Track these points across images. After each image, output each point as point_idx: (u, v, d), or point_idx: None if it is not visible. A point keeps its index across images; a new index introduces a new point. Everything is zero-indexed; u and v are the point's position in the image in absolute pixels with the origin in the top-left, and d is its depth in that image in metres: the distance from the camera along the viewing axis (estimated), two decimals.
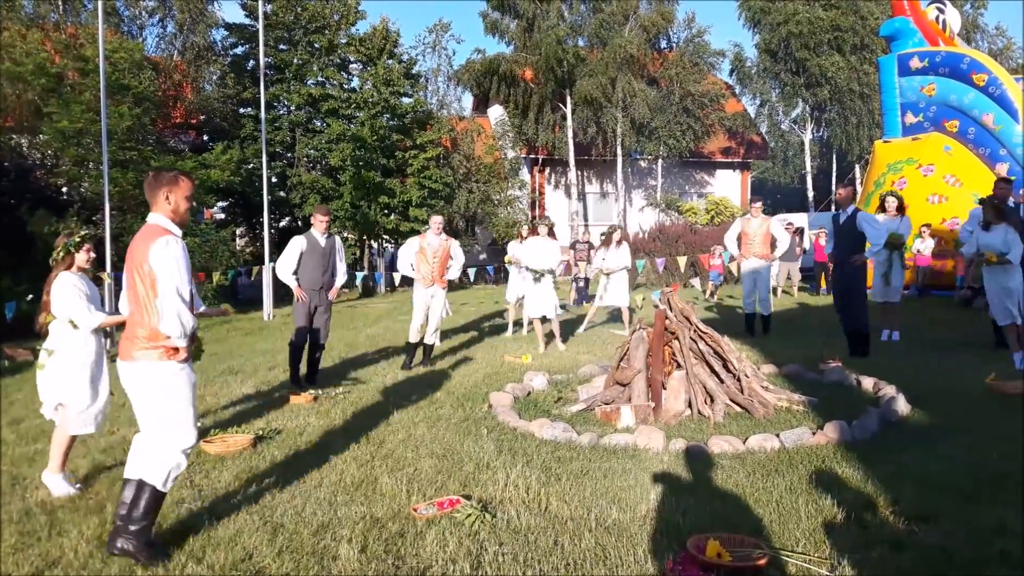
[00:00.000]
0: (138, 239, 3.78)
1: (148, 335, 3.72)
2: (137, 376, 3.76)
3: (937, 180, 15.74)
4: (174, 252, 3.69)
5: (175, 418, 3.79)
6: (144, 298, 3.72)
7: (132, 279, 3.78)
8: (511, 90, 27.71)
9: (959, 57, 16.44)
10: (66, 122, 15.83)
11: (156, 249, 3.67)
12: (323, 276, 8.13)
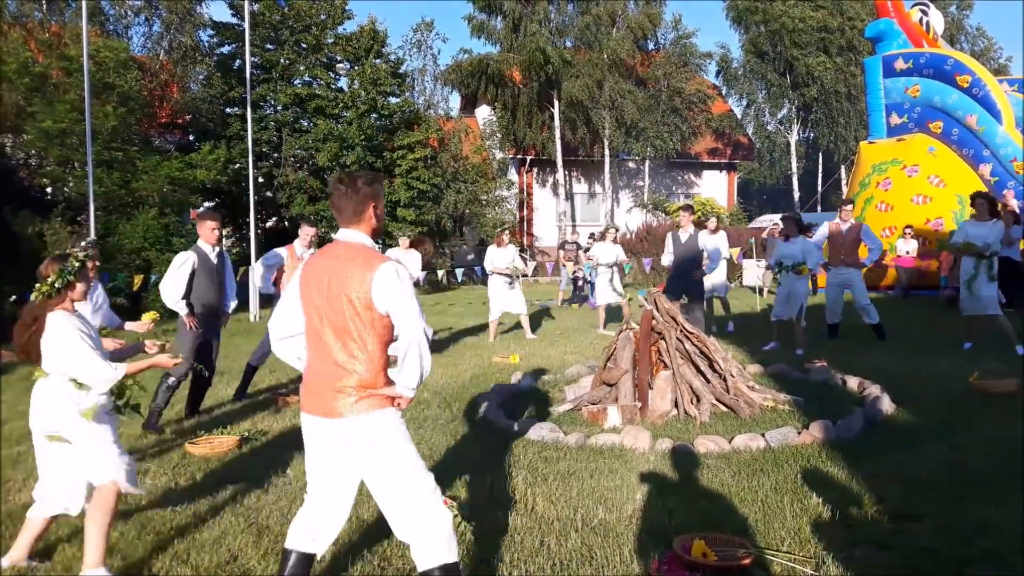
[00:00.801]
0: (344, 263, 2.96)
1: (363, 383, 2.95)
2: (367, 433, 2.96)
3: (921, 181, 15.86)
4: (408, 285, 2.98)
5: (420, 466, 3.11)
6: (362, 338, 2.95)
7: (338, 315, 2.94)
8: (499, 90, 27.71)
9: (943, 59, 16.58)
10: (50, 122, 15.69)
11: (386, 280, 2.90)
12: (217, 298, 6.76)
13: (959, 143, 15.97)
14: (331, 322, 2.96)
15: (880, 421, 5.93)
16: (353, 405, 2.93)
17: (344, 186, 3.08)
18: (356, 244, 3.04)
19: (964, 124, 15.88)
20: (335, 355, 2.95)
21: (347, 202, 3.06)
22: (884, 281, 16.24)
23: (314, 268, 3.06)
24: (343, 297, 2.92)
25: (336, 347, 2.95)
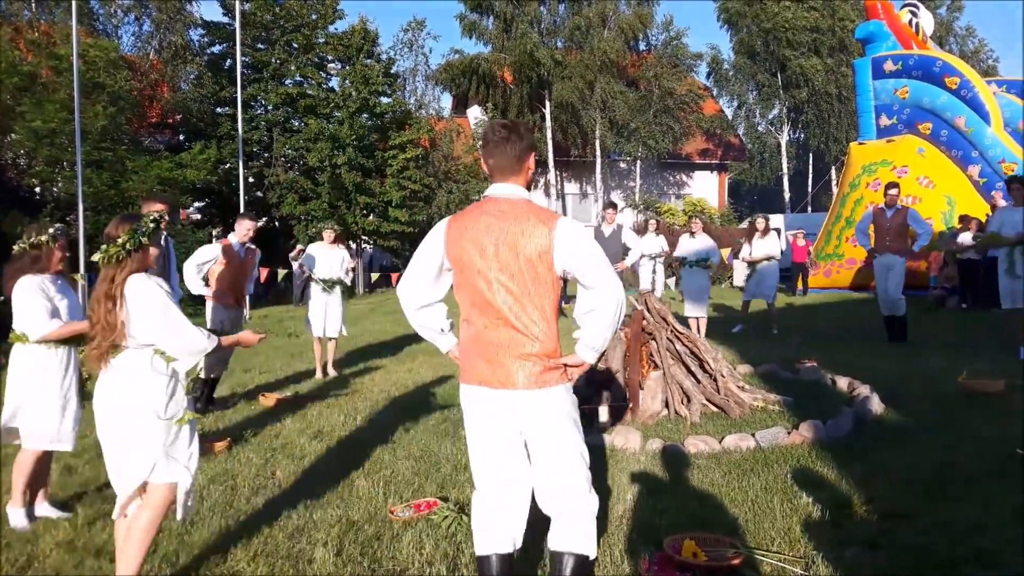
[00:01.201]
0: (516, 220, 2.72)
1: (545, 351, 2.74)
2: (546, 406, 2.76)
3: (911, 181, 15.93)
4: (592, 240, 2.78)
5: (584, 454, 2.89)
6: (541, 302, 2.73)
7: (514, 278, 2.72)
8: (490, 91, 27.71)
9: (932, 60, 16.66)
10: (39, 121, 15.61)
11: (570, 235, 2.71)
12: None
13: (948, 144, 16.06)
14: (505, 285, 2.70)
15: (870, 421, 5.95)
16: (538, 376, 2.71)
17: (507, 131, 2.82)
18: (520, 199, 2.79)
19: (953, 125, 15.97)
20: (514, 321, 2.71)
21: (510, 150, 2.80)
22: (874, 282, 16.30)
23: (470, 228, 2.76)
24: (520, 257, 2.67)
25: (515, 312, 2.70)
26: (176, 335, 3.21)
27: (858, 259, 16.52)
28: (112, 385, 3.19)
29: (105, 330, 3.16)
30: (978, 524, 3.81)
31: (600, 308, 2.70)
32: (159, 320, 3.18)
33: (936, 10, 35.11)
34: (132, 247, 3.22)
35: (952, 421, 5.82)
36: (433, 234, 2.91)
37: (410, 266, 2.97)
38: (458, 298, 2.87)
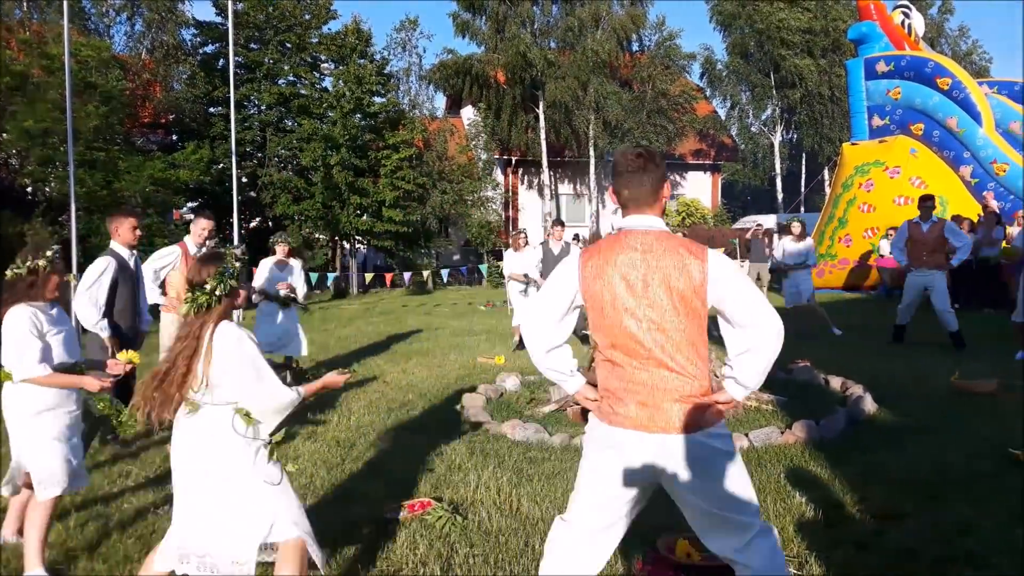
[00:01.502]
0: (664, 255, 2.56)
1: (702, 390, 2.59)
2: (710, 448, 2.59)
3: (903, 182, 15.99)
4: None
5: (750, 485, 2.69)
6: (694, 339, 2.57)
7: (666, 315, 2.55)
8: (483, 91, 27.71)
9: (924, 61, 16.72)
10: (31, 121, 15.54)
11: (723, 268, 2.57)
12: (134, 316, 5.82)
13: (940, 145, 16.12)
14: (656, 323, 2.54)
15: (862, 421, 5.97)
16: (700, 417, 2.55)
17: (643, 160, 2.66)
18: (662, 232, 2.64)
19: (945, 126, 16.03)
20: (669, 361, 2.54)
21: (647, 180, 2.65)
22: (867, 282, 16.37)
23: (612, 263, 2.59)
24: (674, 293, 2.52)
25: (668, 351, 2.54)
26: (267, 393, 2.94)
27: (851, 259, 16.58)
28: (196, 450, 2.92)
29: (181, 380, 2.89)
30: (970, 524, 3.83)
31: (759, 347, 2.55)
32: (250, 375, 2.91)
33: (927, 11, 35.29)
34: (223, 292, 2.97)
35: (945, 421, 5.84)
36: (562, 271, 2.72)
37: (536, 307, 2.75)
38: (596, 337, 2.70)
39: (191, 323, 2.96)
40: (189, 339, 2.92)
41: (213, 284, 2.94)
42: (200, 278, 2.96)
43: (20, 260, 3.69)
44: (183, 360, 2.90)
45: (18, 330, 3.59)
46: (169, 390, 2.89)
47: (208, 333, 2.90)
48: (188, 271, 3.05)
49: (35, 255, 3.72)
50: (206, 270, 2.98)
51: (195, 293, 2.95)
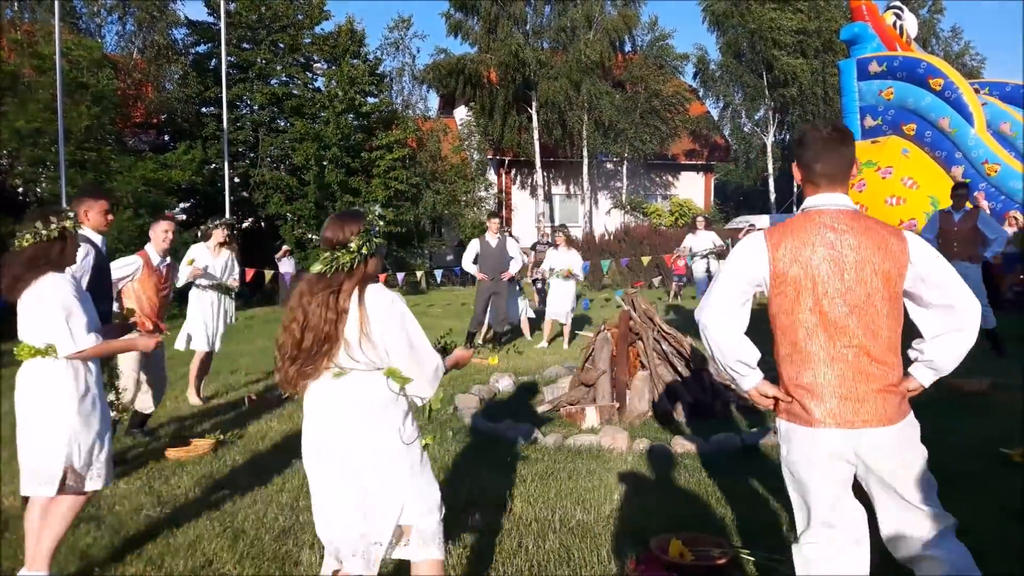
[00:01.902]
0: (864, 235, 2.46)
1: (899, 378, 2.53)
2: (906, 441, 2.55)
3: (895, 182, 16.04)
4: None
5: None
6: (894, 324, 2.48)
7: (869, 300, 2.44)
8: (476, 91, 27.71)
9: (916, 62, 16.79)
10: (22, 121, 15.47)
11: (924, 250, 2.50)
12: (109, 304, 5.27)
13: (932, 145, 16.18)
14: (861, 308, 2.40)
15: None
16: (899, 407, 2.49)
17: (840, 133, 2.55)
18: (855, 211, 2.50)
19: (937, 127, 16.09)
20: (872, 349, 2.43)
21: (847, 153, 2.53)
22: None
23: (808, 244, 2.44)
24: (878, 275, 2.39)
25: (869, 339, 2.42)
26: (422, 355, 2.79)
27: None
28: (344, 415, 2.74)
29: (323, 348, 2.71)
30: (962, 523, 3.83)
31: (960, 329, 2.45)
32: (404, 339, 2.75)
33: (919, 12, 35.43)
34: (369, 251, 2.78)
35: (936, 421, 5.85)
36: (747, 253, 2.55)
37: (717, 292, 2.58)
38: (781, 324, 2.52)
39: (325, 285, 2.74)
40: (327, 302, 2.71)
41: (359, 242, 2.75)
42: (343, 237, 2.76)
43: (41, 224, 3.35)
44: (327, 324, 2.69)
45: (64, 300, 3.28)
46: (314, 358, 2.73)
47: (354, 295, 2.72)
48: (325, 230, 2.82)
49: (58, 217, 3.40)
50: (349, 228, 2.78)
51: (335, 252, 2.75)
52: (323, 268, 2.75)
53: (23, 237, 3.34)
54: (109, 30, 26.93)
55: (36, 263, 3.33)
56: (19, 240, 3.34)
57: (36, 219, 3.37)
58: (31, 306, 3.32)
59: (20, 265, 3.34)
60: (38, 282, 3.32)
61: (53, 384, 3.31)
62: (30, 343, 3.33)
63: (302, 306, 2.75)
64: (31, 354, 3.33)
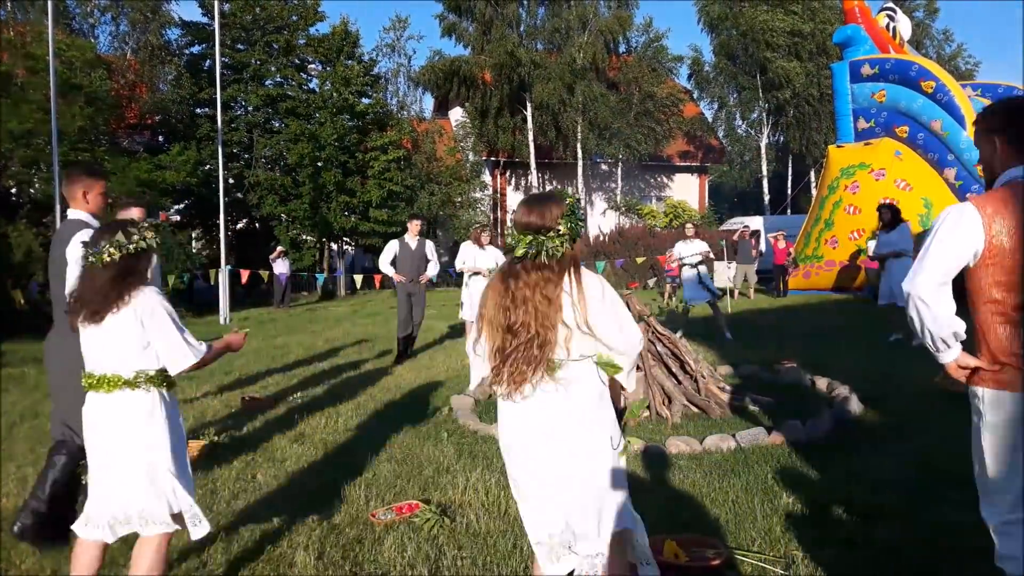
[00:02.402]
0: None
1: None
2: None
3: (888, 184, 16.11)
4: None
5: None
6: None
7: None
8: (471, 92, 27.73)
9: (908, 64, 16.86)
10: (15, 122, 15.42)
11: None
12: None
13: (924, 147, 16.25)
14: None
15: (849, 421, 6.00)
16: None
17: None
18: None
19: (929, 129, 16.16)
20: None
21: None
22: (854, 283, 16.47)
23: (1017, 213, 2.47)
24: None
25: None
26: (631, 340, 2.65)
27: (837, 261, 16.67)
28: (563, 411, 2.59)
29: (544, 339, 2.54)
30: (957, 523, 3.85)
31: None
32: (615, 322, 2.62)
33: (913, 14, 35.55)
34: (576, 234, 2.64)
35: (930, 421, 5.88)
36: (962, 225, 2.52)
37: (932, 263, 2.53)
38: (992, 295, 2.53)
39: (539, 272, 2.57)
40: (544, 290, 2.55)
41: (567, 225, 2.61)
42: (549, 221, 2.60)
43: (123, 237, 2.95)
44: (545, 314, 2.53)
45: (171, 311, 2.96)
46: (533, 353, 2.54)
47: (571, 280, 2.57)
48: (526, 215, 2.63)
49: (138, 229, 3.02)
50: (553, 212, 2.62)
51: (540, 237, 2.58)
52: (528, 253, 2.59)
53: (102, 252, 2.91)
54: (102, 30, 26.89)
55: (125, 279, 2.94)
56: (99, 256, 2.92)
57: (113, 232, 2.96)
58: (128, 326, 2.89)
59: (108, 283, 2.91)
60: (137, 299, 2.91)
61: (152, 416, 2.93)
62: (116, 372, 2.90)
63: (513, 295, 2.57)
64: (118, 385, 2.90)
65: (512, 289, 2.60)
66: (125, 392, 2.90)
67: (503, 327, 2.61)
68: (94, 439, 2.95)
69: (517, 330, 2.57)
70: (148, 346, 2.92)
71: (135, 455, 2.89)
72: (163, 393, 2.99)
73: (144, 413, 2.92)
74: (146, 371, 2.93)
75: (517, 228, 2.66)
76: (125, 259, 2.94)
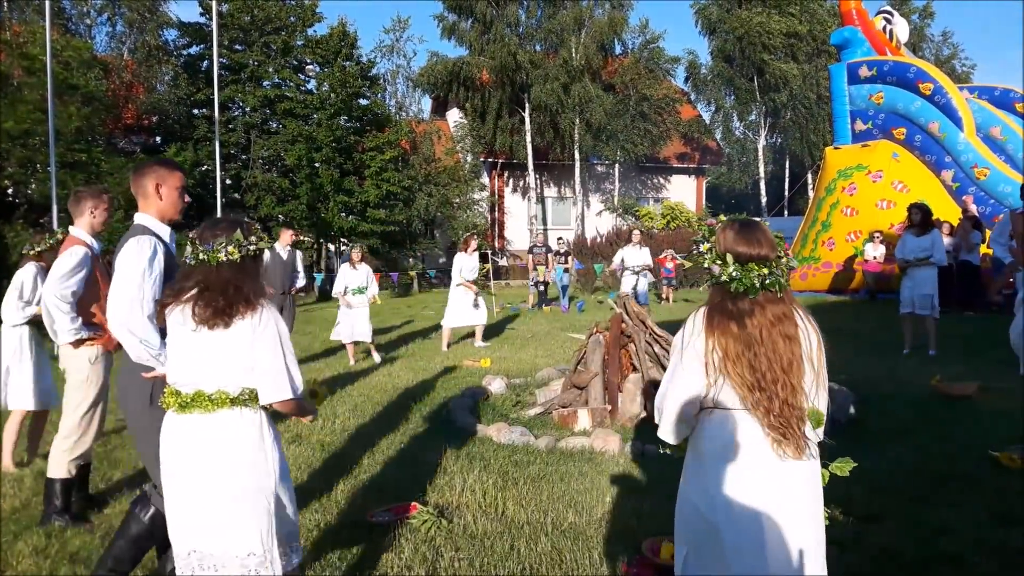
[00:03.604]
0: None
1: None
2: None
3: (885, 186, 16.14)
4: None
5: None
6: None
7: None
8: (469, 93, 27.75)
9: (906, 66, 16.89)
10: (12, 122, 15.41)
11: None
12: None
13: (922, 149, 16.28)
14: None
15: (845, 423, 6.01)
16: None
17: None
18: None
19: (926, 131, 16.20)
20: None
21: None
22: (851, 285, 16.49)
23: None
24: None
25: None
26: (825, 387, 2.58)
27: (834, 263, 16.69)
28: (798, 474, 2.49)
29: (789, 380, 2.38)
30: (950, 525, 3.87)
31: None
32: (824, 366, 2.53)
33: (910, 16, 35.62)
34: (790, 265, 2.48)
35: (926, 424, 5.89)
36: None
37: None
38: None
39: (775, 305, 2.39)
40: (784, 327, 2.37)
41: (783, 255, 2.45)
42: (770, 251, 2.43)
43: (242, 237, 2.67)
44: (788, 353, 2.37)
45: (282, 335, 2.64)
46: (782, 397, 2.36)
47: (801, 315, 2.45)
48: (759, 246, 2.42)
49: (255, 233, 2.74)
50: (769, 240, 2.46)
51: (761, 268, 2.39)
52: (764, 285, 2.36)
53: (217, 250, 2.62)
54: (99, 31, 26.86)
55: (254, 282, 2.67)
56: (212, 255, 2.62)
57: (231, 229, 2.66)
58: (245, 338, 2.58)
59: (237, 284, 2.61)
60: (262, 310, 2.62)
61: (263, 439, 2.64)
62: (222, 388, 2.59)
63: (747, 333, 2.35)
64: (223, 404, 2.59)
65: (757, 325, 2.35)
66: (234, 412, 2.58)
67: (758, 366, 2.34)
68: (183, 466, 2.61)
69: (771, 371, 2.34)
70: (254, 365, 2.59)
71: (239, 482, 2.57)
72: (267, 416, 2.67)
73: (256, 435, 2.61)
74: (251, 389, 2.60)
75: (739, 260, 2.40)
76: (244, 260, 2.65)
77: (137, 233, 3.30)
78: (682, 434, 2.48)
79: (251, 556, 2.56)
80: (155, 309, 2.99)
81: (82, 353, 4.30)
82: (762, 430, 2.33)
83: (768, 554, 2.30)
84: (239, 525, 2.55)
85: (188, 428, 2.59)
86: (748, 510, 2.32)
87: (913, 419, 6.04)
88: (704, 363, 2.37)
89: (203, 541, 2.57)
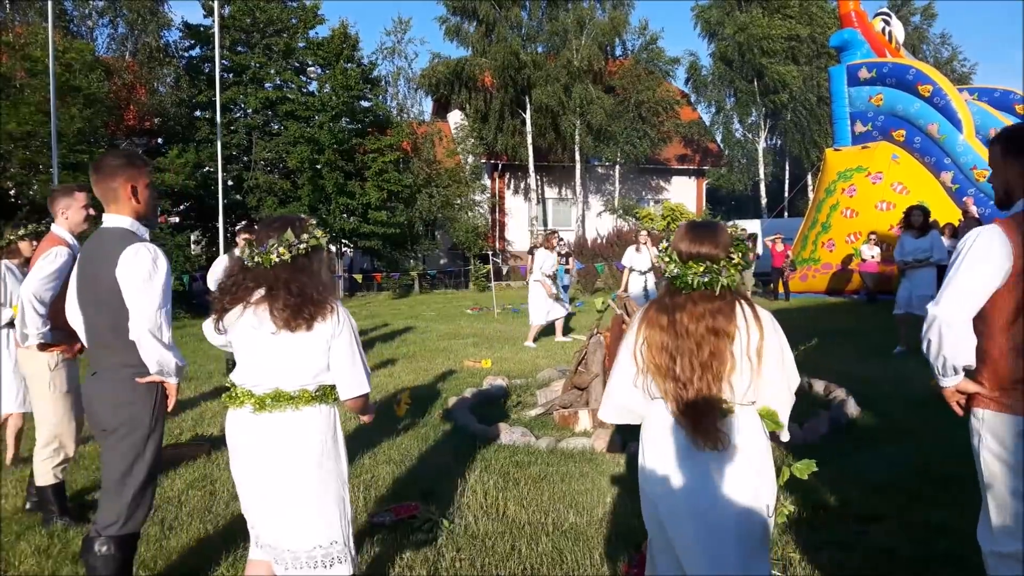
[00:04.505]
0: None
1: None
2: None
3: (885, 187, 16.16)
4: None
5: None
6: None
7: None
8: (471, 95, 27.78)
9: (905, 68, 16.92)
10: (14, 124, 15.43)
11: None
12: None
13: (921, 151, 16.30)
14: None
15: (845, 424, 6.03)
16: None
17: None
18: None
19: (926, 132, 16.22)
20: None
21: None
22: (849, 286, 16.51)
23: None
24: None
25: None
26: (789, 383, 2.58)
27: (834, 264, 16.71)
28: (732, 467, 2.45)
29: (706, 375, 2.36)
30: (949, 525, 3.88)
31: None
32: (781, 364, 2.49)
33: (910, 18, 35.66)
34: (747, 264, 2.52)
35: (926, 424, 5.90)
36: (991, 249, 2.46)
37: (960, 290, 2.50)
38: (1012, 319, 2.49)
39: (708, 302, 2.39)
40: (713, 322, 2.37)
41: (740, 252, 2.47)
42: (721, 250, 2.43)
43: (292, 236, 2.66)
44: (711, 347, 2.35)
45: (355, 332, 2.73)
46: (710, 397, 2.37)
47: (747, 313, 2.40)
48: (702, 244, 2.45)
49: (308, 230, 2.71)
50: (723, 239, 2.46)
51: (712, 266, 2.41)
52: (699, 283, 2.40)
53: (270, 252, 2.63)
54: (101, 32, 26.86)
55: (325, 282, 2.69)
56: (265, 257, 2.63)
57: (281, 230, 2.66)
58: (325, 337, 2.63)
59: (315, 285, 2.64)
60: (339, 310, 2.67)
61: (336, 437, 2.75)
62: (302, 386, 2.64)
63: (674, 327, 2.40)
64: (306, 401, 2.64)
65: (683, 317, 2.40)
66: (313, 408, 2.65)
67: (670, 359, 2.41)
68: (263, 465, 2.63)
69: (691, 363, 2.38)
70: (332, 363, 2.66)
71: (322, 474, 2.64)
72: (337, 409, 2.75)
73: (333, 427, 2.72)
74: (327, 385, 2.69)
75: (681, 258, 2.46)
76: (297, 259, 2.64)
77: (129, 241, 3.10)
78: (624, 418, 2.64)
79: (333, 544, 2.64)
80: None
81: (41, 357, 4.26)
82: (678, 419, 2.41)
83: (696, 542, 2.40)
84: (323, 515, 2.63)
85: (266, 427, 2.62)
86: (672, 493, 2.45)
87: (912, 420, 6.05)
88: (633, 353, 2.49)
89: (285, 538, 2.63)
